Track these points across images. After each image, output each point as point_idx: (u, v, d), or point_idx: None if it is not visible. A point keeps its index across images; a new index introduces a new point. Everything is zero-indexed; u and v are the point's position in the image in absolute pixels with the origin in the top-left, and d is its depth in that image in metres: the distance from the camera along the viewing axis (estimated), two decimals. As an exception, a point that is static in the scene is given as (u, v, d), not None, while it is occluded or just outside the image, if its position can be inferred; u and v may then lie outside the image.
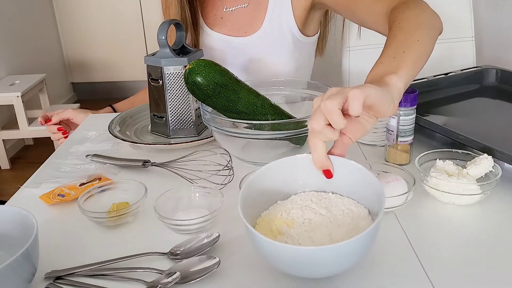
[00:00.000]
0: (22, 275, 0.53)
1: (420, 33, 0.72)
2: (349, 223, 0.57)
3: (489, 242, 0.63)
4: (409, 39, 0.70)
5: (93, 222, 0.69)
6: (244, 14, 1.10)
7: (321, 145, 0.57)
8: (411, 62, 0.66)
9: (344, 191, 0.62)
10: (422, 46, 0.70)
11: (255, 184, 0.60)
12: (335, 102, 0.53)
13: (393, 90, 0.61)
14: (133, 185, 0.74)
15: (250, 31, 1.10)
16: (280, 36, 1.09)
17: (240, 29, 1.11)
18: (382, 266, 0.58)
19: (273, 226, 0.57)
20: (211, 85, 0.80)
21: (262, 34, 1.09)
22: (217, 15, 1.12)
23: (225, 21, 1.12)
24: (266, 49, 1.11)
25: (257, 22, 1.09)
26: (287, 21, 1.08)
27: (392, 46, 0.69)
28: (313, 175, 0.62)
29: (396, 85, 0.61)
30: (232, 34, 1.11)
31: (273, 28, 1.08)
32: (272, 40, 1.09)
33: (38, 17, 3.26)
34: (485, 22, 1.90)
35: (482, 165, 0.71)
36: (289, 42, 1.10)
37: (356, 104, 0.53)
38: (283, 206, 0.60)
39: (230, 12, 1.11)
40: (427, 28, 0.74)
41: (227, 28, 1.12)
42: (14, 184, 0.96)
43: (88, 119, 1.11)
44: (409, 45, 0.69)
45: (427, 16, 0.77)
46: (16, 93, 2.53)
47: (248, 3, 1.10)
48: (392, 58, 0.67)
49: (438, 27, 0.78)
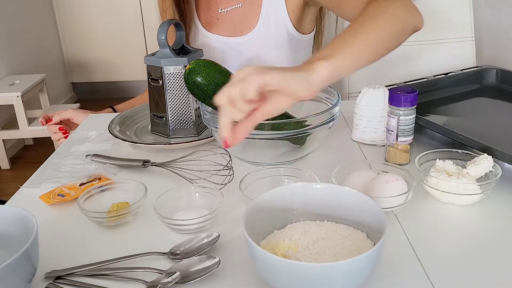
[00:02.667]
0: (22, 275, 0.53)
1: (378, 24, 0.72)
2: (351, 245, 0.57)
3: (489, 242, 0.63)
4: (362, 29, 0.71)
5: (93, 222, 0.69)
6: (239, 14, 1.11)
7: (226, 119, 0.60)
8: (354, 50, 0.67)
9: (339, 218, 0.62)
10: (376, 36, 0.71)
11: (253, 214, 0.58)
12: (237, 90, 0.57)
13: (313, 75, 0.62)
14: (133, 185, 0.74)
15: (246, 30, 1.10)
16: (276, 34, 1.09)
17: (236, 29, 1.11)
18: (382, 266, 0.57)
19: (277, 251, 0.57)
20: (211, 85, 0.80)
21: (257, 32, 1.09)
22: (213, 17, 1.13)
23: (221, 22, 1.12)
24: (262, 47, 1.11)
25: (252, 21, 1.10)
26: (282, 19, 1.08)
27: (344, 33, 0.70)
28: (308, 204, 0.62)
29: (319, 70, 0.62)
30: (229, 34, 1.12)
31: (268, 26, 1.09)
32: (268, 38, 1.10)
33: (38, 17, 3.26)
34: (485, 22, 1.90)
35: (482, 165, 0.71)
36: (285, 40, 1.10)
37: (251, 90, 0.57)
38: (283, 234, 0.60)
39: (225, 13, 1.11)
40: (391, 21, 0.73)
41: (224, 29, 1.12)
42: (14, 184, 0.96)
43: (88, 119, 1.11)
44: (360, 34, 0.70)
45: (397, 10, 0.76)
46: (16, 93, 2.53)
47: (242, 3, 1.10)
48: (336, 44, 0.68)
49: (411, 23, 0.76)
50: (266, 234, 0.61)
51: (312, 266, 0.49)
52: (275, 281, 0.52)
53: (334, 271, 0.49)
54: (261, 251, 0.50)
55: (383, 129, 0.86)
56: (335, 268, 0.49)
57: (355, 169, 0.74)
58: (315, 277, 0.49)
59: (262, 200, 0.61)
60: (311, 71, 0.62)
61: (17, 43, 2.95)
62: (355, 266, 0.49)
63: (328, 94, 0.90)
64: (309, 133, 0.79)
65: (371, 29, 0.71)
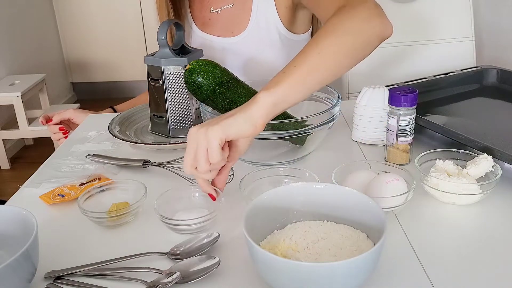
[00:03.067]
0: (22, 275, 0.53)
1: (331, 42, 0.71)
2: (351, 246, 0.57)
3: (488, 241, 0.63)
4: (312, 50, 0.70)
5: (93, 222, 0.69)
6: (230, 14, 1.11)
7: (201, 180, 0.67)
8: (297, 77, 0.68)
9: (339, 218, 0.62)
10: (327, 56, 0.70)
11: (253, 214, 0.58)
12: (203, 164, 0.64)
13: (254, 112, 0.65)
14: (133, 185, 0.74)
15: (237, 31, 1.11)
16: (267, 35, 1.10)
17: (228, 30, 1.12)
18: (382, 265, 0.57)
19: (277, 251, 0.57)
20: (211, 85, 0.80)
21: (249, 33, 1.10)
22: (206, 17, 1.13)
23: (213, 22, 1.13)
24: (254, 48, 1.11)
25: (243, 22, 1.10)
26: (273, 20, 1.08)
27: (295, 58, 0.71)
28: (308, 204, 0.63)
29: (260, 103, 0.65)
30: (221, 34, 1.12)
31: (259, 27, 1.09)
32: (260, 39, 1.10)
33: (38, 17, 3.26)
34: (485, 22, 1.90)
35: (482, 165, 0.71)
36: (277, 40, 1.10)
37: (202, 161, 0.64)
38: (283, 234, 0.60)
39: (217, 13, 1.12)
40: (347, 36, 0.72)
41: (216, 29, 1.13)
42: (14, 184, 0.96)
43: (88, 119, 1.11)
44: (305, 58, 0.69)
45: (355, 23, 0.73)
46: (16, 93, 2.53)
47: (233, 4, 1.10)
48: (282, 73, 0.69)
49: (373, 32, 0.74)
50: (266, 234, 0.61)
51: (312, 266, 0.49)
52: (275, 281, 0.52)
53: (334, 271, 0.49)
54: (261, 251, 0.50)
55: (383, 129, 0.86)
56: (335, 268, 0.49)
57: (355, 169, 0.74)
58: (315, 277, 0.49)
59: (262, 200, 0.61)
60: (251, 107, 0.65)
61: (17, 43, 2.95)
62: (355, 266, 0.49)
63: (328, 94, 0.90)
64: (309, 133, 0.79)
65: (322, 49, 0.70)
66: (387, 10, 0.77)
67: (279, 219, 0.62)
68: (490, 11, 1.90)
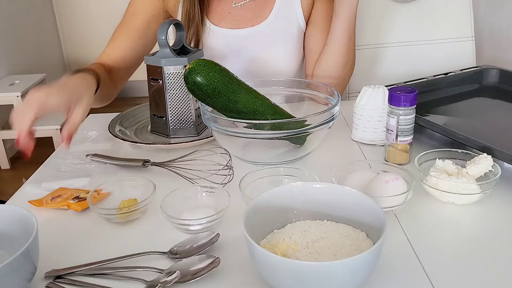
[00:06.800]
0: (22, 274, 0.53)
1: None
2: (350, 245, 0.57)
3: (488, 241, 0.63)
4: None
5: (102, 219, 0.70)
6: (252, 8, 1.12)
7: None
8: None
9: (339, 218, 0.62)
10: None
11: (253, 213, 0.58)
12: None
13: None
14: (140, 181, 0.75)
15: (256, 22, 1.12)
16: (285, 28, 1.11)
17: (248, 22, 1.13)
18: (382, 265, 0.58)
19: (277, 251, 0.57)
20: (211, 85, 0.80)
21: (267, 24, 1.11)
22: (225, 10, 1.13)
23: (233, 16, 1.13)
24: (270, 39, 1.12)
25: (264, 13, 1.12)
26: (295, 13, 1.11)
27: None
28: (308, 204, 0.63)
29: None
30: (238, 27, 1.13)
31: (279, 19, 1.11)
32: (277, 31, 1.11)
33: (38, 17, 3.26)
34: (485, 22, 1.91)
35: (482, 164, 0.71)
36: (294, 34, 1.12)
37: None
38: (283, 233, 0.60)
39: (239, 7, 1.12)
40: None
41: (235, 22, 1.13)
42: (14, 184, 0.96)
43: (88, 119, 1.11)
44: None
45: None
46: (16, 93, 2.53)
47: None
48: None
49: None
50: (266, 233, 0.61)
51: (311, 265, 0.49)
52: (275, 280, 0.52)
53: (334, 270, 0.49)
54: (261, 250, 0.50)
55: (383, 129, 0.86)
56: (334, 267, 0.49)
57: (355, 169, 0.74)
58: (315, 276, 0.49)
59: (262, 199, 0.61)
60: None
61: (17, 43, 2.95)
62: (354, 265, 0.49)
63: (328, 94, 0.90)
64: (309, 133, 0.79)
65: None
66: (387, 10, 0.78)
67: (279, 218, 0.63)
68: (490, 11, 1.90)
